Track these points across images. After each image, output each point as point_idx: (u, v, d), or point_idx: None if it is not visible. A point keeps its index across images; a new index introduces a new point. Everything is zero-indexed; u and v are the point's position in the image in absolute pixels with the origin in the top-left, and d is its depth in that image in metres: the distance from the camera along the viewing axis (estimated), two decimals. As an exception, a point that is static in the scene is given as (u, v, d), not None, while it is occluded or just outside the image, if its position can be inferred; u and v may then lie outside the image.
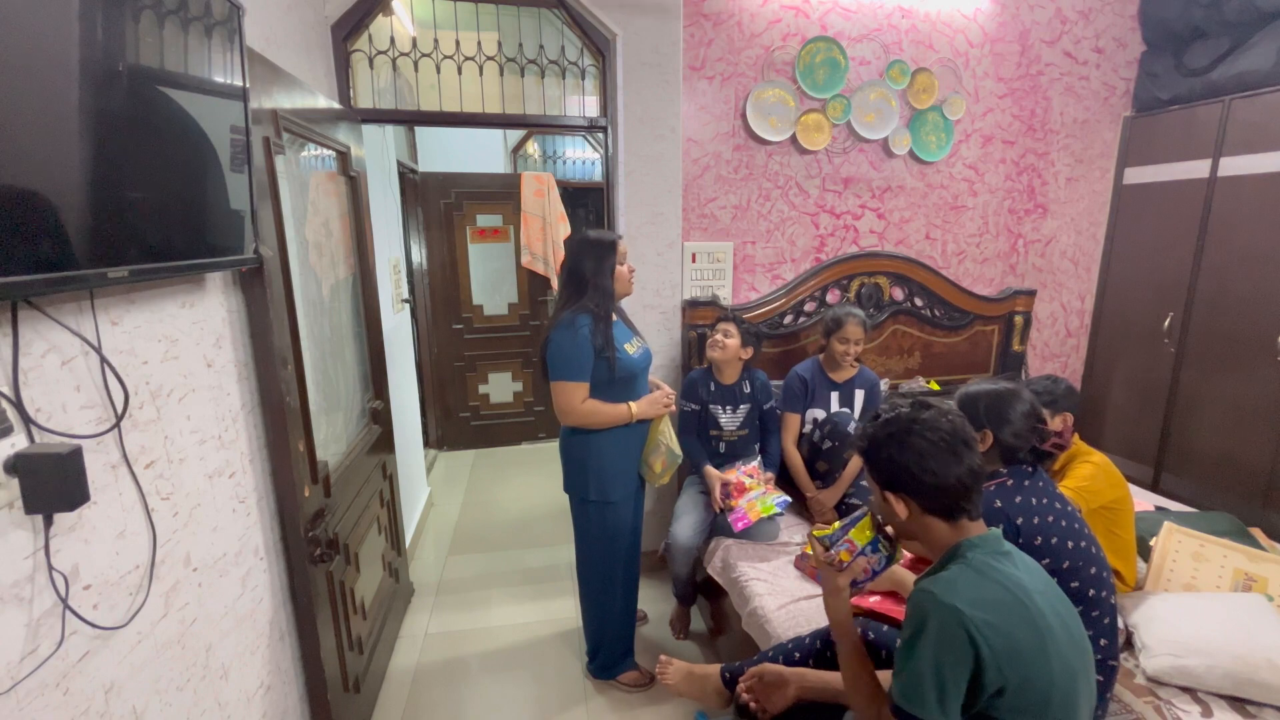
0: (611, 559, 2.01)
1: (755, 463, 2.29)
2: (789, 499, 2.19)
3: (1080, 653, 1.00)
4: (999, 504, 1.31)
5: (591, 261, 1.82)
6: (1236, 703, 1.45)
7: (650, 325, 2.58)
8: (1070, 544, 1.29)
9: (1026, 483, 1.34)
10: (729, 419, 2.32)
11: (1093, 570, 1.30)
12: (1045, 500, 1.32)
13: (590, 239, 1.85)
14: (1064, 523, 1.31)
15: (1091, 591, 1.30)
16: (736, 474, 2.23)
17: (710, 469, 2.28)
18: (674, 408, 1.97)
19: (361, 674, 1.92)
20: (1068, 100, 2.93)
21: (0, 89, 0.68)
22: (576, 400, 1.81)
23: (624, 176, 2.46)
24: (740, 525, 2.11)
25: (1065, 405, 1.78)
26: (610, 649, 2.11)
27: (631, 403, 1.87)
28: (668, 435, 1.98)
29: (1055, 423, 1.74)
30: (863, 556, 1.18)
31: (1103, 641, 1.32)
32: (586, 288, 1.82)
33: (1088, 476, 1.72)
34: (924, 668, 0.95)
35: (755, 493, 2.18)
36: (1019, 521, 1.29)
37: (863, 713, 1.13)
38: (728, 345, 2.25)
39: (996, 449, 1.38)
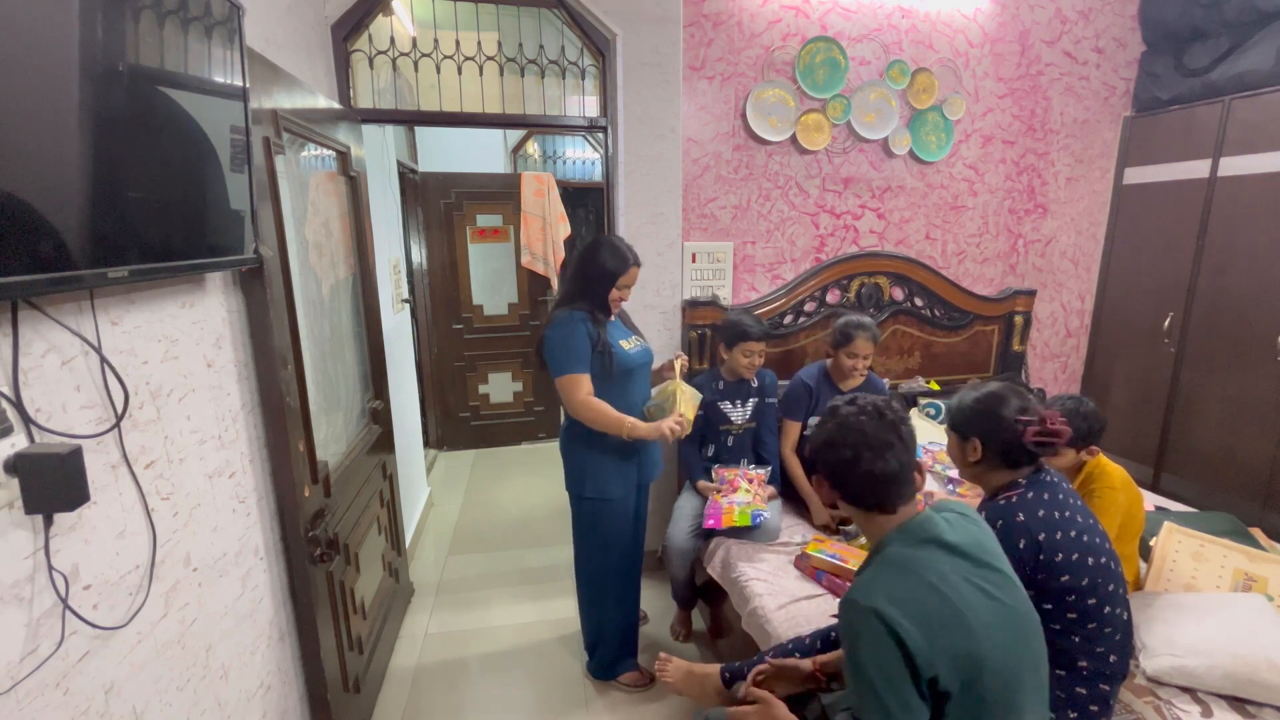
0: (608, 557, 2.01)
1: (763, 471, 2.28)
2: (767, 514, 2.11)
3: (1019, 630, 1.02)
4: (1021, 518, 1.28)
5: (592, 266, 1.84)
6: (1236, 703, 1.45)
7: (650, 325, 2.58)
8: (1090, 560, 1.27)
9: (1046, 495, 1.31)
10: (738, 413, 2.33)
11: (1111, 587, 1.29)
12: (1067, 514, 1.30)
13: (605, 246, 1.85)
14: (1085, 538, 1.29)
15: (1108, 608, 1.29)
16: (737, 472, 2.23)
17: (703, 483, 2.30)
18: (679, 431, 1.86)
19: (361, 674, 1.92)
20: (1068, 100, 2.93)
21: (0, 89, 0.68)
22: (581, 393, 1.80)
23: (624, 176, 2.46)
24: (709, 523, 2.10)
25: (1092, 438, 1.70)
26: (608, 648, 2.11)
27: (634, 421, 1.82)
28: (686, 390, 1.94)
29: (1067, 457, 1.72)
30: None
31: (1112, 658, 1.31)
32: (580, 291, 1.85)
33: (1120, 509, 1.68)
34: (873, 678, 0.96)
35: (740, 498, 2.15)
36: (1040, 538, 1.26)
37: None
38: (760, 364, 2.28)
39: (996, 456, 1.35)
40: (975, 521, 1.13)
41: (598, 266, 1.83)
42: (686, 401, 1.93)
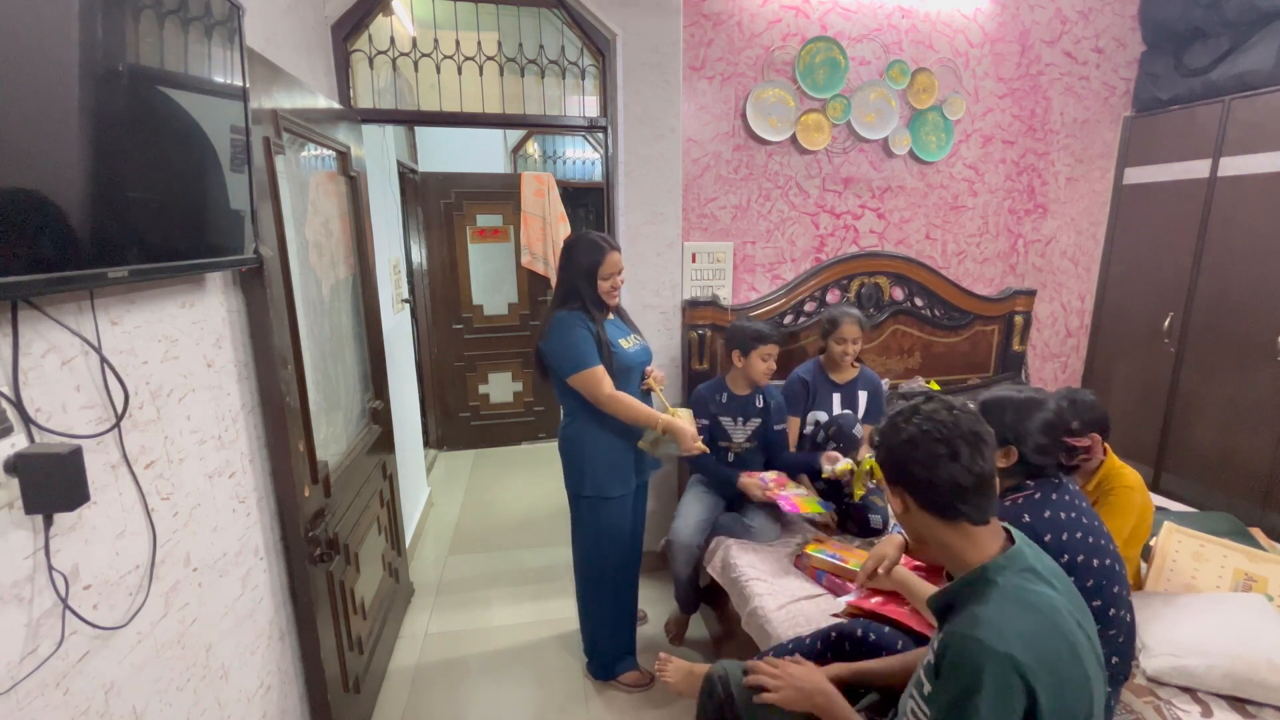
0: (607, 556, 2.01)
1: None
2: (833, 504, 2.22)
3: (1100, 663, 0.99)
4: (1028, 519, 1.28)
5: (571, 265, 1.84)
6: (1236, 703, 1.45)
7: (650, 325, 2.58)
8: (1096, 562, 1.27)
9: (1054, 496, 1.31)
10: (739, 431, 2.27)
11: (1115, 589, 1.29)
12: (1074, 515, 1.30)
13: (579, 243, 1.85)
14: (1091, 539, 1.29)
15: (1112, 610, 1.29)
16: (772, 474, 2.23)
17: (746, 478, 2.19)
18: (697, 450, 1.89)
19: (361, 674, 1.92)
20: (1068, 100, 2.93)
21: (0, 89, 0.68)
22: (605, 387, 1.80)
23: (624, 176, 2.46)
24: (789, 508, 2.07)
25: (1090, 425, 1.69)
26: (607, 648, 2.11)
27: (668, 417, 1.85)
28: (681, 412, 1.97)
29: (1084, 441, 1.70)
30: None
31: (1115, 659, 1.31)
32: (570, 291, 1.85)
33: (1135, 510, 1.68)
34: None
35: (798, 490, 2.17)
36: (1047, 538, 1.26)
37: None
38: (773, 368, 2.21)
39: (1021, 463, 1.34)
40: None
41: (577, 263, 1.83)
42: (687, 418, 1.94)
